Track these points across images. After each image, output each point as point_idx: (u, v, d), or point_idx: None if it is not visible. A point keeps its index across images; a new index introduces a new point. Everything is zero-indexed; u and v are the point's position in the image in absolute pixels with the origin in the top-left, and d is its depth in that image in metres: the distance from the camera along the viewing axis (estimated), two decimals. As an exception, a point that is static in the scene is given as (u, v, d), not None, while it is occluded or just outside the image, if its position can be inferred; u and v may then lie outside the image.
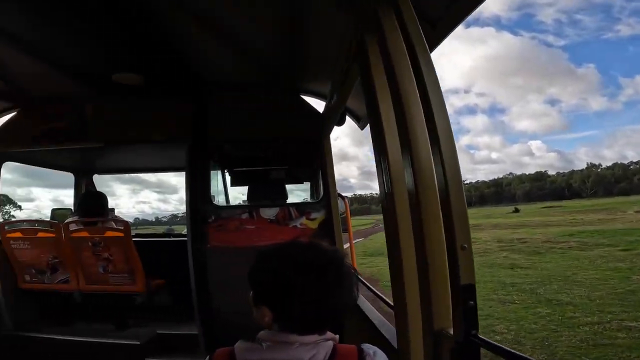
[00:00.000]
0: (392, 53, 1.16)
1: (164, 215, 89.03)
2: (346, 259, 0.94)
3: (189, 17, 2.07)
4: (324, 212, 3.02)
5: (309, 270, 0.85)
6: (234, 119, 3.05)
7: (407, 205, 1.18)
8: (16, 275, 3.12)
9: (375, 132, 1.36)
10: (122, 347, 2.81)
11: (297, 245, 0.94)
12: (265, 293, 0.89)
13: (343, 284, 0.88)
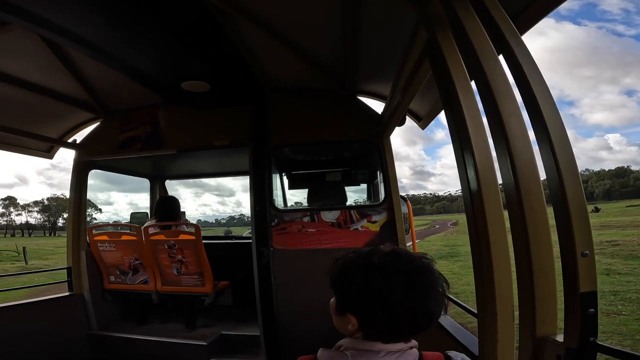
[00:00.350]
0: (476, 44, 1.12)
1: (223, 217, 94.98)
2: (434, 264, 0.89)
3: (251, 24, 2.12)
4: (385, 214, 2.92)
5: (398, 278, 0.82)
6: (293, 122, 3.06)
7: (499, 203, 1.12)
8: (102, 277, 3.40)
9: (456, 127, 1.28)
10: (191, 347, 2.96)
11: (384, 252, 0.88)
12: (351, 301, 0.87)
13: (433, 291, 0.84)
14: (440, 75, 1.39)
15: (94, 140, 3.41)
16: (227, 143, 3.11)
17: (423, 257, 0.89)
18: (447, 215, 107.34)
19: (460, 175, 1.29)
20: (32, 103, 2.86)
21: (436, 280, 0.85)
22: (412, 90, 2.02)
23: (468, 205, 1.23)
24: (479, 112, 1.19)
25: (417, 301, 0.82)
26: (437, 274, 0.87)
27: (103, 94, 3.13)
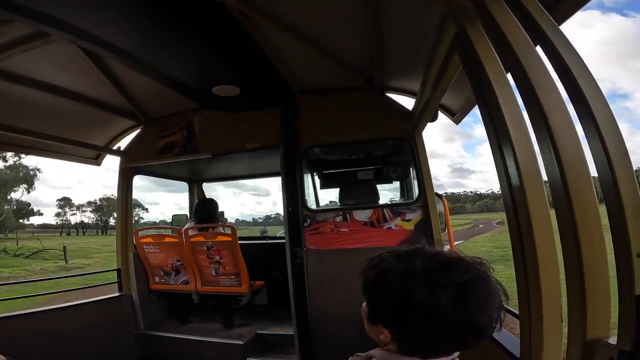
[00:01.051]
0: (510, 36, 1.08)
1: (260, 217, 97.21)
2: (491, 272, 0.77)
3: (276, 27, 2.13)
4: (420, 212, 2.85)
5: (446, 290, 0.70)
6: (323, 123, 3.05)
7: (544, 200, 1.06)
8: (148, 277, 3.58)
9: (492, 121, 1.22)
10: (229, 347, 3.05)
11: (428, 255, 0.77)
12: (385, 311, 0.76)
13: (488, 307, 0.72)
14: (472, 69, 1.33)
15: (136, 146, 3.60)
16: (258, 145, 3.16)
17: (478, 264, 0.76)
18: (490, 214, 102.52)
19: (499, 171, 1.23)
20: (79, 113, 3.05)
21: (492, 294, 0.73)
22: (443, 86, 1.97)
23: (508, 202, 1.18)
24: (517, 106, 1.13)
25: (467, 318, 0.70)
26: (494, 285, 0.74)
27: (142, 102, 3.29)
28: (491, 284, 0.74)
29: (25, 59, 2.25)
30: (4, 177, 28.69)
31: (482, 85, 1.26)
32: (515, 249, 1.17)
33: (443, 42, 1.64)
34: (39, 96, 2.66)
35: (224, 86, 2.71)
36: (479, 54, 1.25)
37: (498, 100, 1.16)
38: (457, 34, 1.45)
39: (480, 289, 0.72)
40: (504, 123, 1.13)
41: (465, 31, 1.32)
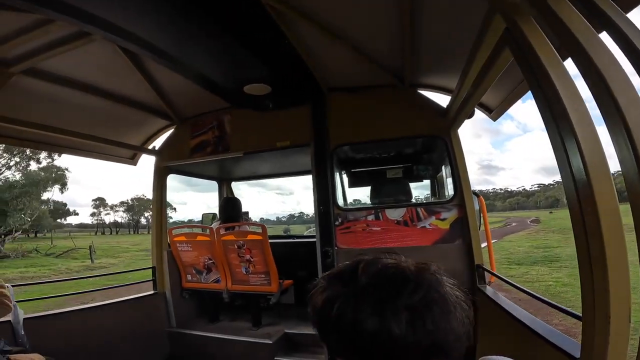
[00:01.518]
0: (572, 26, 1.05)
1: (284, 216, 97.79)
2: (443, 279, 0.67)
3: (308, 23, 2.14)
4: (456, 211, 2.77)
5: (396, 315, 0.61)
6: (353, 120, 3.03)
7: (613, 196, 1.01)
8: (181, 276, 3.64)
9: (553, 114, 1.18)
10: (257, 346, 3.05)
11: (372, 272, 0.69)
12: (339, 345, 0.68)
13: (448, 324, 0.62)
14: (527, 64, 1.29)
15: (170, 146, 3.68)
16: (288, 144, 3.16)
17: (429, 274, 0.67)
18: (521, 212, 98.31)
19: (562, 167, 1.17)
20: (116, 113, 3.16)
21: (452, 309, 0.63)
22: (487, 82, 1.90)
23: (573, 199, 1.12)
24: (581, 99, 1.09)
25: (427, 342, 0.61)
26: (453, 297, 0.65)
27: (176, 102, 3.36)
28: (449, 296, 0.65)
29: (66, 59, 2.34)
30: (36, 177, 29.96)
31: (541, 80, 1.22)
32: (580, 248, 1.12)
33: (488, 38, 1.60)
34: (79, 97, 2.76)
35: (255, 85, 2.72)
36: (535, 47, 1.22)
37: (560, 95, 1.12)
38: (507, 29, 1.42)
39: (437, 305, 0.63)
40: (567, 118, 1.09)
41: (517, 25, 1.29)
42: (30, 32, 1.97)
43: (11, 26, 1.95)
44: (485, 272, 2.60)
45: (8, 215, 26.40)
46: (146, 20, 1.86)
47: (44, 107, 2.73)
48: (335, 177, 3.11)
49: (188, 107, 3.47)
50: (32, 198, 28.39)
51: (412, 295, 0.63)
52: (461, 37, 2.02)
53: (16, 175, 29.69)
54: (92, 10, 1.65)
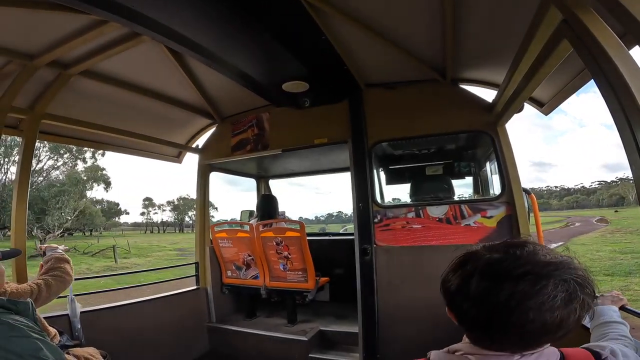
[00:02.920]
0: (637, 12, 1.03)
1: (322, 215, 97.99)
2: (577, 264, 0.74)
3: (345, 18, 2.13)
4: (504, 208, 2.63)
5: (502, 285, 0.70)
6: (392, 116, 2.97)
7: None
8: (221, 272, 3.74)
9: (622, 109, 1.13)
10: (293, 342, 3.08)
11: (504, 246, 0.77)
12: (467, 322, 0.77)
13: (568, 304, 0.69)
14: (589, 54, 1.26)
15: (212, 144, 3.80)
16: (326, 141, 3.16)
17: (545, 264, 0.71)
18: (581, 210, 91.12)
19: (631, 159, 1.12)
20: (162, 112, 3.32)
21: (539, 297, 0.68)
22: (540, 75, 1.82)
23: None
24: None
25: (496, 313, 0.70)
26: (557, 289, 0.69)
27: (217, 101, 3.47)
28: (571, 281, 0.70)
29: (117, 61, 2.49)
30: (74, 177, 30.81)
31: (606, 71, 1.18)
32: None
33: (542, 30, 1.55)
34: (128, 96, 2.93)
35: (293, 82, 2.75)
36: (598, 38, 1.19)
37: (629, 84, 1.08)
38: (564, 21, 1.37)
39: (555, 289, 0.69)
40: (637, 108, 1.06)
41: (576, 17, 1.27)
42: (86, 33, 2.11)
43: (68, 27, 2.10)
44: None
45: (47, 214, 26.74)
46: (191, 21, 1.93)
47: (96, 106, 2.91)
48: (374, 174, 3.05)
49: (228, 106, 3.57)
50: (71, 197, 28.91)
51: (525, 266, 0.71)
52: (509, 29, 1.97)
53: (59, 177, 30.85)
54: (142, 10, 1.74)
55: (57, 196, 27.54)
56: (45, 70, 2.38)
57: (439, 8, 2.02)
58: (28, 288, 1.85)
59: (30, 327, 1.53)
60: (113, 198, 76.48)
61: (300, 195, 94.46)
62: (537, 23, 1.56)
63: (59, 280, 2.00)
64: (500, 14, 1.99)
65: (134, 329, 2.98)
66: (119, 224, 70.83)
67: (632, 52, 1.19)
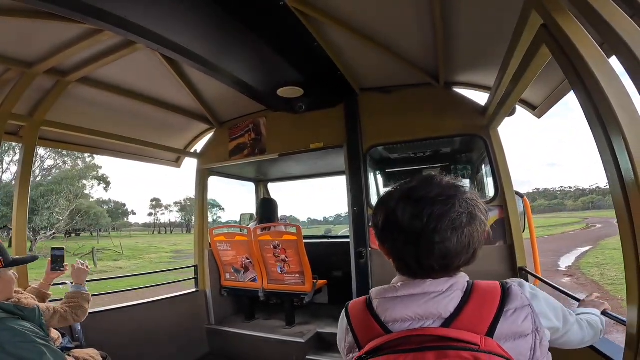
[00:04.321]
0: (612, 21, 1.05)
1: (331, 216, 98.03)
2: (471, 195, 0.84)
3: (337, 26, 2.17)
4: (497, 212, 2.67)
5: (404, 206, 0.81)
6: (387, 120, 2.99)
7: None
8: (220, 274, 3.78)
9: (597, 114, 1.15)
10: (290, 344, 3.11)
11: (415, 181, 0.86)
12: (396, 250, 0.86)
13: (441, 224, 0.78)
14: (567, 60, 1.26)
15: (210, 149, 3.85)
16: (322, 145, 3.19)
17: (452, 187, 0.83)
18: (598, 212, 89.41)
19: (607, 166, 1.14)
20: (160, 118, 3.37)
21: (449, 214, 0.78)
22: (527, 78, 1.83)
23: (619, 199, 1.10)
24: (627, 94, 1.06)
25: (422, 234, 0.78)
26: (462, 206, 0.80)
27: (214, 107, 3.51)
28: (452, 205, 0.79)
29: (114, 68, 2.54)
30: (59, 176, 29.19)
31: (583, 77, 1.19)
32: (626, 251, 1.09)
33: (525, 34, 1.57)
34: (126, 103, 2.98)
35: (288, 88, 2.78)
36: (575, 44, 1.19)
37: (605, 91, 1.08)
38: (543, 25, 1.39)
39: (437, 207, 0.78)
40: (613, 115, 1.05)
41: (554, 21, 1.28)
42: (83, 41, 2.16)
43: (65, 35, 2.15)
44: (529, 276, 2.46)
45: (36, 214, 25.18)
46: (185, 30, 1.98)
47: (95, 112, 2.97)
48: (369, 177, 3.07)
49: (226, 111, 3.61)
50: (60, 196, 27.62)
51: (421, 192, 0.82)
52: (497, 33, 1.99)
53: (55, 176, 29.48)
54: (136, 21, 1.79)
55: (45, 195, 26.39)
56: (44, 77, 2.44)
57: (429, 13, 2.04)
58: (45, 307, 1.88)
59: (36, 333, 1.59)
60: (120, 199, 77.03)
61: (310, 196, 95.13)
62: (521, 27, 1.58)
63: (74, 317, 2.04)
64: (488, 18, 2.01)
65: (134, 331, 3.02)
66: (130, 224, 71.38)
67: (612, 61, 1.16)
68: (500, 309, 0.77)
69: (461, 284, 0.81)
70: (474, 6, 1.96)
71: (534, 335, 0.77)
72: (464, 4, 1.94)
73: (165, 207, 75.85)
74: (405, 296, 0.82)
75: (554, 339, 0.92)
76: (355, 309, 0.89)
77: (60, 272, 2.26)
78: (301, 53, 2.41)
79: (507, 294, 0.79)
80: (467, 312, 0.77)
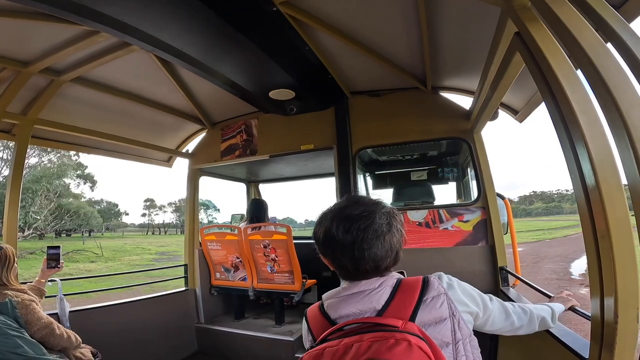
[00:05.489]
0: (577, 34, 1.08)
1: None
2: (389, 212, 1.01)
3: (328, 31, 2.23)
4: (479, 213, 2.75)
5: (338, 222, 0.98)
6: (376, 123, 3.06)
7: (623, 201, 1.03)
8: (210, 273, 3.82)
9: (562, 120, 1.20)
10: (279, 342, 3.16)
11: (346, 199, 1.04)
12: (336, 260, 1.01)
13: (366, 235, 0.95)
14: (537, 68, 1.31)
15: (202, 149, 3.89)
16: (312, 147, 3.25)
17: (373, 204, 1.00)
18: None
19: (572, 172, 1.20)
20: (153, 118, 3.41)
21: (372, 225, 0.95)
22: (504, 85, 1.90)
23: (582, 204, 1.15)
24: (591, 104, 1.10)
25: (355, 244, 0.94)
26: (381, 219, 0.96)
27: (207, 108, 3.56)
28: (374, 218, 0.96)
29: (109, 68, 2.58)
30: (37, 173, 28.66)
31: (550, 84, 1.23)
32: (589, 251, 1.15)
33: (502, 41, 1.63)
34: (119, 103, 3.02)
35: (279, 90, 2.85)
36: (545, 52, 1.23)
37: (569, 99, 1.13)
38: (517, 33, 1.44)
39: (362, 221, 0.96)
40: (576, 122, 1.10)
41: (526, 30, 1.32)
42: (78, 42, 2.20)
43: (61, 37, 2.19)
44: (509, 275, 2.55)
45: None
46: (181, 33, 2.03)
47: (88, 112, 3.00)
48: (357, 179, 3.14)
49: (218, 112, 3.66)
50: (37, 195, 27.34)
51: (350, 209, 0.99)
52: (479, 40, 2.05)
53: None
54: (132, 23, 1.84)
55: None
56: (39, 76, 2.47)
57: (416, 21, 2.11)
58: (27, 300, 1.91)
59: (8, 325, 1.62)
60: (113, 199, 75.87)
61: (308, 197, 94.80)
62: (498, 35, 1.64)
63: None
64: (471, 25, 2.08)
65: (123, 328, 3.04)
66: (125, 225, 70.42)
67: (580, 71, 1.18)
68: (419, 299, 0.93)
69: (390, 281, 0.97)
70: (458, 14, 2.03)
71: (451, 319, 0.93)
72: (448, 11, 2.01)
73: (160, 207, 75.11)
74: (346, 295, 0.98)
75: (480, 324, 1.10)
76: (312, 312, 1.07)
77: (56, 269, 2.33)
78: (293, 57, 2.47)
79: (426, 286, 0.95)
80: (394, 303, 0.93)
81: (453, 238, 2.75)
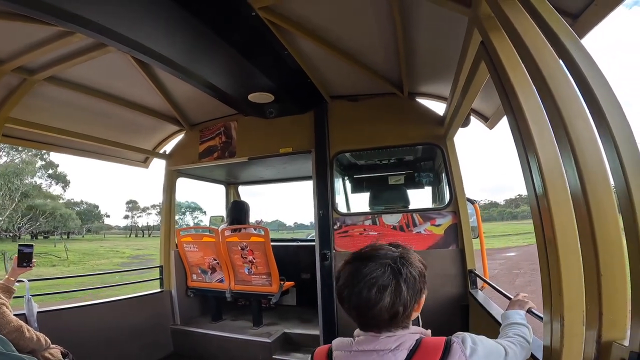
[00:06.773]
0: (532, 47, 1.12)
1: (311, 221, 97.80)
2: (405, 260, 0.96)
3: (306, 36, 2.26)
4: (450, 217, 2.83)
5: (344, 269, 0.98)
6: (354, 128, 3.11)
7: (569, 207, 1.06)
8: (186, 275, 3.80)
9: (518, 131, 1.24)
10: (256, 344, 3.17)
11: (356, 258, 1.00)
12: (352, 315, 0.99)
13: (367, 282, 0.92)
14: (498, 77, 1.35)
15: (179, 150, 3.87)
16: (291, 150, 3.28)
17: (379, 249, 0.98)
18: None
19: (526, 179, 1.23)
20: (130, 119, 3.37)
21: (374, 271, 0.92)
22: (473, 92, 1.96)
23: (535, 209, 1.20)
24: (543, 114, 1.13)
25: (356, 292, 0.92)
26: (384, 264, 0.93)
27: (185, 109, 3.54)
28: (374, 262, 0.94)
29: (85, 68, 2.54)
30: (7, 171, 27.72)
31: (508, 93, 1.27)
32: (540, 256, 1.19)
33: (470, 50, 1.67)
34: (96, 103, 2.98)
35: (259, 94, 2.86)
36: (504, 62, 1.26)
37: (523, 108, 1.17)
38: (482, 42, 1.47)
39: (365, 266, 0.94)
40: (528, 131, 1.14)
41: (489, 40, 1.35)
42: (53, 42, 2.17)
43: (36, 37, 2.15)
44: (477, 278, 2.62)
45: None
46: (157, 35, 2.03)
47: (62, 111, 2.95)
48: (335, 183, 3.18)
49: (197, 114, 3.65)
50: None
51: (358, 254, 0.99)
52: (451, 47, 2.09)
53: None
54: (108, 24, 1.83)
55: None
56: (11, 75, 2.41)
57: (391, 29, 2.16)
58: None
59: None
60: (94, 200, 73.75)
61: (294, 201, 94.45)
62: (467, 43, 1.68)
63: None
64: (443, 33, 2.13)
65: (95, 330, 3.00)
66: (110, 227, 68.56)
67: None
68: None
69: (408, 343, 0.92)
70: (431, 21, 2.08)
71: None
72: (422, 19, 2.06)
73: (143, 209, 73.57)
74: (359, 351, 0.94)
75: None
76: (319, 357, 1.04)
77: (28, 268, 2.28)
78: (272, 61, 2.50)
79: (447, 352, 0.90)
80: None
81: (425, 241, 2.83)
